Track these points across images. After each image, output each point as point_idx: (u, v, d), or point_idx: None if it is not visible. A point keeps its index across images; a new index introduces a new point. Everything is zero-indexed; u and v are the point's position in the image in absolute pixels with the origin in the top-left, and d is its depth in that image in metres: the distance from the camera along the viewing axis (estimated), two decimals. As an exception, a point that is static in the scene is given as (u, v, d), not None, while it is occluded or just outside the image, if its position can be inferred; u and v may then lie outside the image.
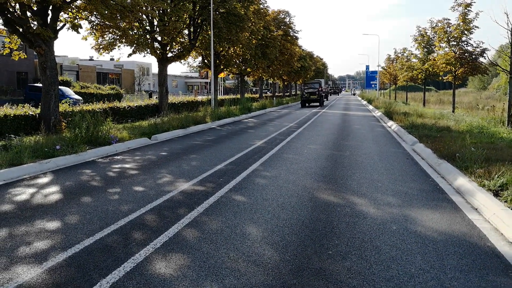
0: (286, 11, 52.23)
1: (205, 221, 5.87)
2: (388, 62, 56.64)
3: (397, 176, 8.92)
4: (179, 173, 9.23)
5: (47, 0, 14.49)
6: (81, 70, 55.44)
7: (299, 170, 9.52)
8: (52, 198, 7.23)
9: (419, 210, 6.45)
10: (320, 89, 45.59)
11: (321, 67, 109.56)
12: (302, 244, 5.08)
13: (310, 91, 44.96)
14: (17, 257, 4.68)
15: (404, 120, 19.54)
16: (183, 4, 24.44)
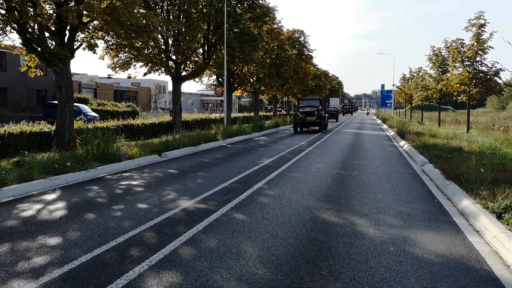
0: (300, 30, 52.66)
1: (202, 239, 5.92)
2: (403, 81, 56.47)
3: (402, 196, 8.87)
4: (184, 190, 9.32)
5: (65, 21, 14.90)
6: (99, 87, 56.47)
7: (303, 189, 9.53)
8: (56, 214, 7.37)
9: (420, 231, 6.40)
10: (320, 108, 31.39)
11: (336, 85, 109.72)
12: (296, 263, 5.09)
13: (306, 111, 31.02)
14: (15, 272, 4.78)
15: (416, 140, 19.41)
16: (197, 24, 24.92)
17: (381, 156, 16.23)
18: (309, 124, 31.41)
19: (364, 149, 18.83)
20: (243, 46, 27.65)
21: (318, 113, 30.47)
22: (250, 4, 28.85)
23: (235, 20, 27.07)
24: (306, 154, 16.46)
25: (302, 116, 30.74)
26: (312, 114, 30.51)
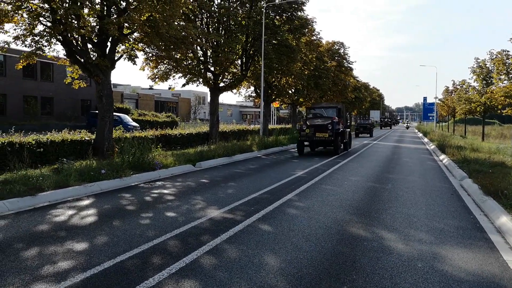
0: (340, 42, 52.27)
1: (225, 249, 5.90)
2: (446, 94, 54.96)
3: (436, 212, 8.56)
4: (213, 200, 9.35)
5: (106, 33, 15.40)
6: (140, 98, 57.94)
7: (334, 201, 9.37)
8: (87, 220, 7.55)
9: (451, 248, 6.14)
10: (336, 120, 22.09)
11: (377, 98, 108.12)
12: (318, 277, 4.97)
13: (316, 124, 21.93)
14: (39, 275, 4.91)
15: (456, 154, 18.77)
16: (235, 36, 25.22)
17: (419, 170, 15.78)
18: (320, 142, 22.00)
19: (401, 163, 18.37)
20: (281, 57, 27.71)
21: (332, 127, 21.08)
22: (288, 16, 28.91)
23: (273, 32, 27.20)
24: (340, 167, 16.22)
25: (309, 131, 21.37)
26: (324, 128, 21.17)
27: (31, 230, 6.84)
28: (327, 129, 21.10)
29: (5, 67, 36.69)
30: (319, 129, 21.30)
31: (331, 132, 21.03)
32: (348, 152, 23.67)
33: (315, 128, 21.35)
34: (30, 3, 14.57)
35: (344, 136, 23.32)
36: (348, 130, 25.43)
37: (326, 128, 21.13)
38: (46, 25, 15.17)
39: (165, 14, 15.79)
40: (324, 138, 21.17)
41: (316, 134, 21.27)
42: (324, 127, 21.21)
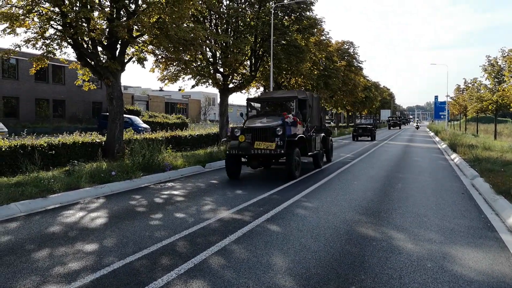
0: (350, 41, 52.19)
1: (234, 250, 5.92)
2: (458, 93, 54.50)
3: (446, 211, 8.50)
4: (222, 201, 9.38)
5: (116, 35, 15.52)
6: (150, 100, 58.25)
7: (343, 201, 9.35)
8: (97, 221, 7.62)
9: (461, 248, 6.09)
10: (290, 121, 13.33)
11: (387, 97, 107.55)
12: (326, 277, 4.97)
13: (257, 127, 12.89)
14: (50, 276, 4.97)
15: (468, 152, 18.60)
16: (244, 36, 25.25)
17: (429, 169, 15.67)
18: (262, 159, 13.06)
19: (411, 162, 18.25)
20: (290, 58, 27.67)
21: (283, 132, 12.54)
22: (297, 16, 28.86)
23: (282, 32, 27.17)
24: (350, 167, 16.17)
25: (244, 140, 12.73)
26: (268, 134, 12.63)
27: (43, 231, 6.92)
28: (273, 136, 12.28)
29: (18, 71, 37.14)
30: (259, 135, 12.48)
31: (281, 140, 12.19)
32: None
33: (252, 134, 12.54)
34: (41, 7, 14.74)
35: (311, 146, 14.44)
36: (322, 135, 16.52)
37: (272, 134, 12.31)
38: (57, 29, 15.34)
39: (174, 16, 15.87)
40: (269, 151, 12.10)
41: (255, 145, 12.28)
42: (267, 132, 12.41)
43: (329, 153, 18.15)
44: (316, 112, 16.61)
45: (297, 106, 14.09)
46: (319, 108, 17.40)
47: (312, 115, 15.57)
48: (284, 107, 14.70)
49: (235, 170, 13.18)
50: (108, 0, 16.08)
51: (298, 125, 13.49)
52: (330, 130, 19.25)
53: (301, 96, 14.69)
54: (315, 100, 16.39)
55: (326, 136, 17.67)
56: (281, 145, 12.21)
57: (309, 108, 14.99)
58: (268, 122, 13.06)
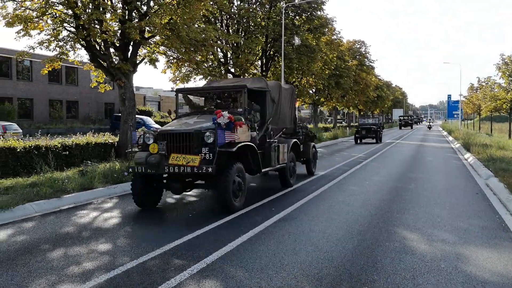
0: (361, 41, 52.01)
1: (246, 250, 5.93)
2: (471, 92, 53.94)
3: (460, 211, 8.42)
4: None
5: (128, 37, 15.65)
6: (162, 100, 58.60)
7: (355, 202, 9.31)
8: (110, 221, 7.69)
9: (476, 248, 6.04)
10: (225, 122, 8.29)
11: (400, 96, 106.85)
12: (339, 278, 4.96)
13: (176, 131, 8.42)
14: (65, 275, 5.03)
15: (482, 152, 18.40)
16: (255, 37, 25.29)
17: (443, 169, 15.54)
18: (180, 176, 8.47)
19: (424, 162, 18.11)
20: (301, 57, 27.67)
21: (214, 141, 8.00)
22: (308, 16, 28.85)
23: (293, 32, 27.17)
24: (362, 167, 16.09)
25: (157, 151, 8.28)
26: (190, 144, 8.27)
27: (57, 231, 7.00)
28: (199, 145, 8.21)
29: (32, 72, 37.63)
30: (176, 143, 8.38)
31: (210, 152, 8.06)
32: (374, 150, 19.15)
33: (167, 143, 8.38)
34: (54, 9, 14.91)
35: (270, 158, 10.14)
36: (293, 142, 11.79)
37: (198, 142, 8.24)
38: (70, 31, 15.50)
39: (185, 17, 15.95)
40: (190, 168, 7.86)
41: (171, 159, 8.12)
42: (189, 140, 8.33)
43: (311, 164, 13.68)
44: (286, 109, 12.10)
45: (245, 100, 9.39)
46: (292, 104, 12.80)
47: (278, 112, 11.19)
48: (234, 101, 10.14)
49: (147, 196, 8.71)
50: (120, 2, 16.22)
51: (240, 128, 8.48)
52: (312, 134, 14.70)
53: (255, 85, 10.33)
54: (283, 93, 11.75)
55: (306, 143, 13.49)
56: (209, 159, 7.83)
57: (271, 103, 10.68)
58: (196, 123, 8.51)
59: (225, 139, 8.06)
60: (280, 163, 10.59)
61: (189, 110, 10.86)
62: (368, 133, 31.51)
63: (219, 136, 7.90)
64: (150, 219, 7.78)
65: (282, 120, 11.62)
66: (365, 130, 31.57)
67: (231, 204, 8.10)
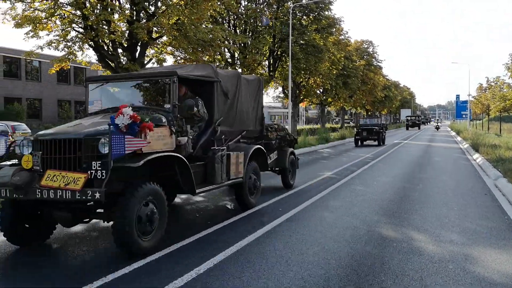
0: (369, 41, 51.86)
1: (252, 250, 5.94)
2: (480, 92, 53.59)
3: (468, 212, 8.37)
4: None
5: (136, 37, 15.73)
6: (170, 101, 58.78)
7: (362, 202, 9.28)
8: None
9: (484, 249, 5.99)
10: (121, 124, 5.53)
11: (408, 96, 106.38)
12: (346, 278, 4.95)
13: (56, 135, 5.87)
14: (72, 273, 5.07)
15: (491, 152, 18.26)
16: (263, 37, 25.30)
17: (451, 169, 15.45)
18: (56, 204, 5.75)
19: (432, 162, 18.02)
20: (308, 57, 27.64)
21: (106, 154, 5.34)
22: (315, 16, 28.82)
23: (301, 32, 27.15)
24: (370, 167, 16.03)
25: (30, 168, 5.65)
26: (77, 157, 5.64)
27: (65, 228, 7.00)
28: (89, 157, 5.58)
29: (40, 73, 37.92)
30: (55, 155, 5.68)
31: (103, 169, 5.35)
32: (382, 151, 19.83)
33: (43, 154, 5.72)
34: (63, 10, 15.03)
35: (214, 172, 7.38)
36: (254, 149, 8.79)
37: (88, 155, 5.60)
38: (78, 31, 15.61)
39: (193, 18, 16.02)
40: (69, 193, 5.25)
41: (45, 178, 5.42)
42: (71, 148, 5.66)
43: (288, 175, 10.96)
44: (249, 107, 9.30)
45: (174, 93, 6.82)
46: (258, 100, 9.86)
47: (234, 110, 8.53)
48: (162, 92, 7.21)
49: (27, 230, 6.16)
50: (128, 3, 16.30)
51: (151, 132, 5.89)
52: (291, 138, 11.78)
53: (196, 73, 7.84)
54: (244, 86, 9.06)
55: (282, 148, 10.87)
56: (101, 178, 5.33)
57: (222, 97, 8.08)
58: (92, 125, 6.14)
59: (126, 149, 5.32)
60: (233, 177, 7.75)
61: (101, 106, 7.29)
62: (369, 135, 28.59)
63: (115, 143, 5.23)
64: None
65: (240, 121, 8.79)
66: (366, 131, 28.66)
67: (133, 245, 5.48)
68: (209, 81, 7.77)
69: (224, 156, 7.46)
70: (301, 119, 68.06)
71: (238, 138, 8.73)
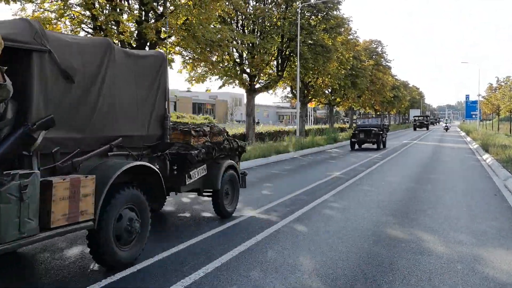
0: (378, 40, 51.67)
1: (260, 249, 5.94)
2: (490, 92, 53.14)
3: (477, 213, 8.32)
4: (248, 201, 9.39)
5: (144, 37, 15.78)
6: (178, 101, 58.93)
7: (370, 202, 9.25)
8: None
9: (493, 250, 5.96)
10: None
11: (417, 96, 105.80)
12: (354, 278, 4.94)
13: None
14: (80, 272, 5.11)
15: (501, 153, 18.11)
16: (271, 37, 25.28)
17: (460, 170, 15.36)
18: None
19: (442, 163, 17.92)
20: (316, 57, 27.56)
21: None
22: (324, 16, 28.75)
23: (309, 32, 27.08)
24: (378, 167, 15.97)
25: None
26: None
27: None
28: None
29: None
30: None
31: None
32: (390, 151, 20.17)
33: None
34: (72, 11, 15.13)
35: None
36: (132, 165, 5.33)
37: None
38: (88, 32, 15.71)
39: (201, 18, 16.04)
40: None
41: None
42: None
43: (220, 201, 7.60)
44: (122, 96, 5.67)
45: None
46: (152, 86, 6.22)
47: (87, 100, 5.13)
48: None
49: None
50: (137, 3, 16.37)
51: None
52: (235, 146, 8.34)
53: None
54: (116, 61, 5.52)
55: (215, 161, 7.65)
56: None
57: (54, 77, 4.66)
58: None
59: None
60: (62, 223, 4.40)
61: None
62: (367, 137, 25.08)
63: None
64: (165, 218, 7.84)
65: (107, 121, 5.40)
66: (364, 133, 25.24)
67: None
68: (21, 49, 4.34)
69: (33, 187, 4.08)
70: (309, 119, 67.94)
71: (103, 150, 5.29)
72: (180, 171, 6.67)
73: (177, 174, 6.63)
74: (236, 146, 8.39)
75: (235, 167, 8.19)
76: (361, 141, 25.24)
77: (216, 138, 7.77)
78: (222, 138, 8.00)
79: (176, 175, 6.62)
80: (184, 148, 6.92)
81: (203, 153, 7.05)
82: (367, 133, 25.07)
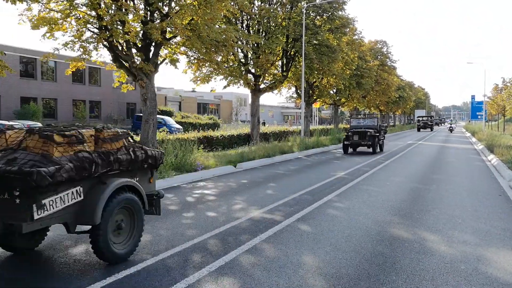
0: (383, 41, 51.55)
1: (264, 249, 5.97)
2: (496, 92, 52.86)
3: (482, 213, 8.30)
4: (253, 200, 9.44)
5: (150, 37, 15.83)
6: (183, 101, 59.08)
7: (374, 202, 9.25)
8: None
9: (497, 250, 5.95)
10: None
11: (422, 97, 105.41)
12: (357, 277, 4.95)
13: None
14: (84, 270, 5.14)
15: (506, 153, 18.04)
16: (276, 37, 25.28)
17: (465, 170, 15.31)
18: None
19: (447, 163, 17.87)
20: (321, 58, 27.53)
21: None
22: (329, 16, 28.70)
23: (314, 32, 27.06)
24: (383, 167, 15.95)
25: None
26: None
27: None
28: None
29: (56, 73, 38.39)
30: None
31: None
32: (395, 151, 20.70)
33: None
34: (78, 11, 15.20)
35: None
36: None
37: None
38: (93, 32, 15.78)
39: (206, 18, 16.06)
40: None
41: None
42: None
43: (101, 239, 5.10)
44: None
45: None
46: None
47: None
48: None
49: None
50: (142, 3, 16.42)
51: None
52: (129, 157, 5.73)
53: None
54: None
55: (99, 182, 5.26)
56: None
57: None
58: None
59: None
60: None
61: None
62: (361, 139, 22.32)
63: None
64: (170, 218, 7.87)
65: None
66: (358, 135, 22.45)
67: None
68: None
69: None
70: (314, 119, 67.88)
71: None
72: (24, 198, 4.54)
73: (19, 203, 4.55)
74: (142, 157, 5.98)
75: (136, 188, 5.71)
76: (355, 144, 22.80)
77: (108, 145, 5.50)
78: (119, 145, 5.69)
79: (16, 205, 4.56)
80: (37, 161, 4.65)
81: (68, 170, 4.77)
82: (361, 135, 22.40)
